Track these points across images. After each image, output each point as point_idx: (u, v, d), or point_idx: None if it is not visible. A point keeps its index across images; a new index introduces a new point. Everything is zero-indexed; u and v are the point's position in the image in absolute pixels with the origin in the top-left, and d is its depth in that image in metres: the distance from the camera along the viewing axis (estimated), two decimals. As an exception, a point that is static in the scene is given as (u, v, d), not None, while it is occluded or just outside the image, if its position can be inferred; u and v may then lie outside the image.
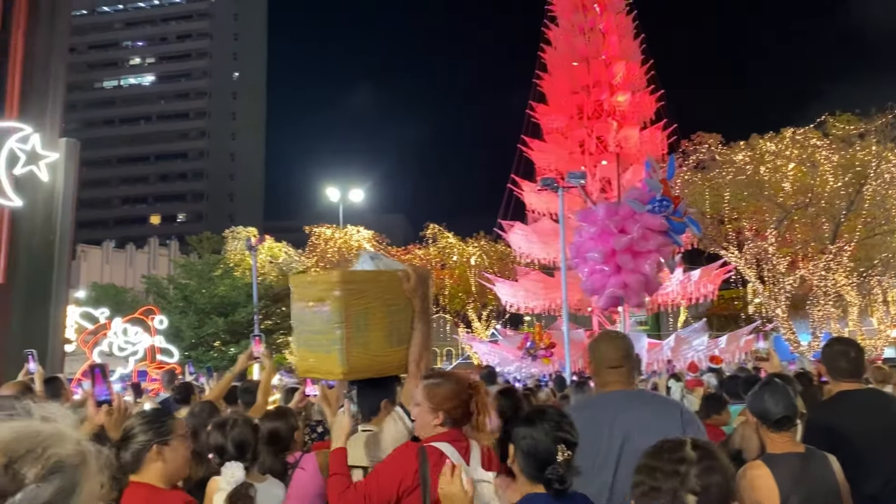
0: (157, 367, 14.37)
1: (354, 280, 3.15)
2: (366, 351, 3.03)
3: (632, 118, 33.69)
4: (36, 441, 1.20)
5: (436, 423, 2.83)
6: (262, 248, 37.80)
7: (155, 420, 2.78)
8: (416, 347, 3.06)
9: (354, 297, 3.04)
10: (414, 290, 3.09)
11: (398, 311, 3.09)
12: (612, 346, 3.41)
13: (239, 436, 3.30)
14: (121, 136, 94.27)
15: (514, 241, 33.64)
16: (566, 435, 2.48)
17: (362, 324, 3.03)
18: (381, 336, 3.06)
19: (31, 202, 14.08)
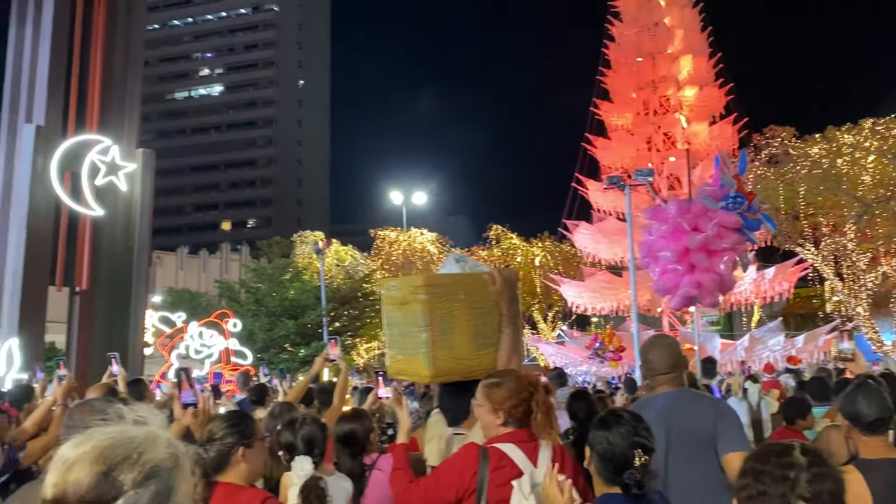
0: (231, 368, 14.77)
1: (438, 283, 3.13)
2: (451, 354, 3.01)
3: (700, 113, 32.88)
4: (131, 447, 1.22)
5: (498, 424, 2.83)
6: (329, 251, 38.45)
7: (239, 423, 2.85)
8: (505, 351, 3.01)
9: (439, 300, 3.02)
10: (500, 292, 3.04)
11: (484, 315, 3.04)
12: (662, 354, 3.53)
13: (308, 433, 3.37)
14: (192, 145, 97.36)
15: (580, 241, 33.24)
16: (642, 440, 2.46)
17: (447, 327, 3.01)
18: (466, 339, 3.01)
19: (111, 211, 14.69)
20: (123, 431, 1.26)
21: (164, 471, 1.23)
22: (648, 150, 33.19)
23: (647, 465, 2.43)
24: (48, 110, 14.34)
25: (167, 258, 48.52)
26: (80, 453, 1.21)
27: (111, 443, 1.22)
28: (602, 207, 32.97)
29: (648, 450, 2.46)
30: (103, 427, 1.27)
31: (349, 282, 33.36)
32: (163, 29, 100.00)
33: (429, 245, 41.93)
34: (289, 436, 3.40)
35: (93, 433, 1.25)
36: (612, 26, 35.00)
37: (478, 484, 2.69)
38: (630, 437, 2.46)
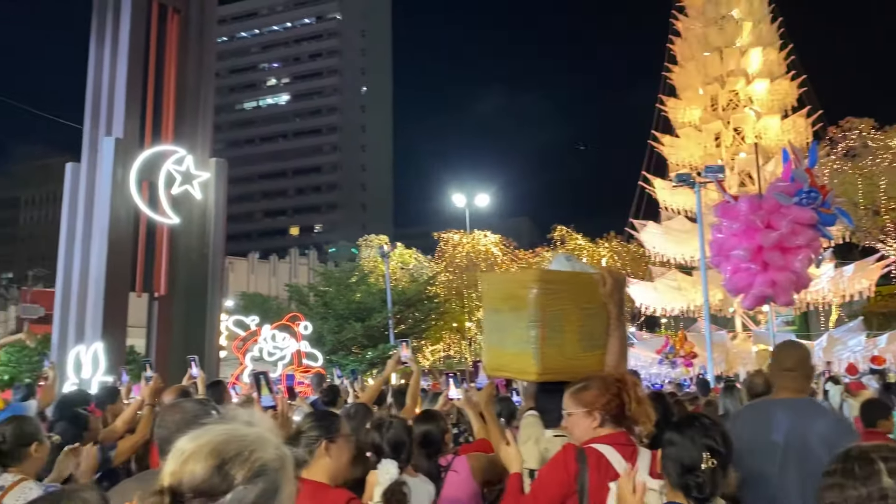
0: (302, 370, 15.09)
1: (551, 280, 3.05)
2: (560, 353, 2.96)
3: (771, 107, 31.85)
4: (243, 444, 1.29)
5: (595, 426, 2.79)
6: (394, 255, 38.88)
7: (324, 419, 2.94)
8: (613, 355, 2.94)
9: (550, 297, 2.96)
10: (610, 294, 2.98)
11: (593, 315, 2.98)
12: (787, 352, 3.60)
13: (395, 436, 3.43)
14: (261, 153, 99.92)
15: (648, 241, 32.64)
16: (712, 442, 2.39)
17: (557, 324, 2.95)
18: (574, 339, 2.96)
19: (186, 219, 15.22)
20: (237, 430, 1.33)
21: (271, 471, 1.29)
22: (717, 147, 32.35)
23: (715, 470, 2.35)
24: (126, 123, 14.94)
25: (239, 263, 49.87)
26: (196, 446, 1.28)
27: (225, 439, 1.29)
28: (670, 206, 32.30)
29: (718, 453, 2.38)
30: (219, 424, 1.35)
31: (414, 284, 33.63)
32: (231, 41, 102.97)
33: (492, 247, 41.88)
34: (376, 437, 3.48)
35: (209, 429, 1.32)
36: (678, 21, 34.28)
37: (578, 486, 2.66)
38: (701, 440, 2.39)
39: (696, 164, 29.56)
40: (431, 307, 32.59)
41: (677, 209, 32.13)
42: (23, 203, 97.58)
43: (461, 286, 41.04)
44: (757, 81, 31.83)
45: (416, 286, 32.86)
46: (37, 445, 3.31)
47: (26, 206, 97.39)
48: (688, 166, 30.49)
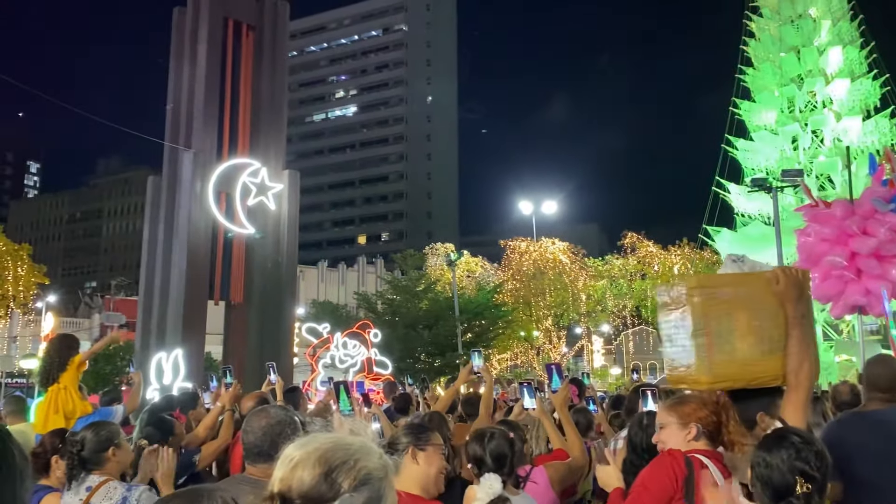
0: (373, 378, 15.26)
1: (713, 284, 2.99)
2: (732, 359, 2.84)
3: (853, 107, 30.59)
4: (349, 453, 1.33)
5: (689, 438, 2.75)
6: (460, 263, 38.95)
7: (416, 428, 2.96)
8: (794, 357, 2.76)
9: (713, 302, 2.89)
10: (784, 292, 2.81)
11: (768, 318, 2.84)
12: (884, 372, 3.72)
13: (497, 448, 3.33)
14: (329, 164, 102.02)
15: (722, 248, 31.75)
16: (805, 466, 2.24)
17: (725, 330, 2.86)
18: (748, 344, 2.84)
19: (261, 229, 15.63)
20: (342, 439, 1.37)
21: (375, 479, 1.33)
22: (794, 150, 31.26)
23: (811, 495, 2.21)
24: (204, 137, 15.48)
25: (309, 272, 50.90)
26: (304, 454, 1.32)
27: (332, 447, 1.33)
28: (745, 211, 31.36)
29: (812, 478, 2.23)
30: (325, 433, 1.39)
31: (480, 293, 33.61)
32: (301, 55, 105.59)
33: (560, 255, 41.50)
34: (478, 449, 3.37)
35: (315, 437, 1.37)
36: (752, 22, 33.34)
37: (685, 492, 2.62)
38: (791, 462, 2.25)
39: (772, 168, 28.63)
40: (498, 315, 32.49)
41: (752, 215, 31.17)
42: (106, 215, 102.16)
43: (528, 294, 40.79)
44: (836, 81, 30.65)
45: (483, 294, 32.82)
46: (114, 449, 3.45)
47: (109, 218, 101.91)
48: (763, 170, 29.55)
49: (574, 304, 40.81)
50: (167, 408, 5.50)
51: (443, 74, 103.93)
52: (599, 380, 47.68)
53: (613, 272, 41.27)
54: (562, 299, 40.81)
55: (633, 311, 42.07)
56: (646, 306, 40.34)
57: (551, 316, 41.60)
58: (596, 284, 41.23)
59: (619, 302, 41.66)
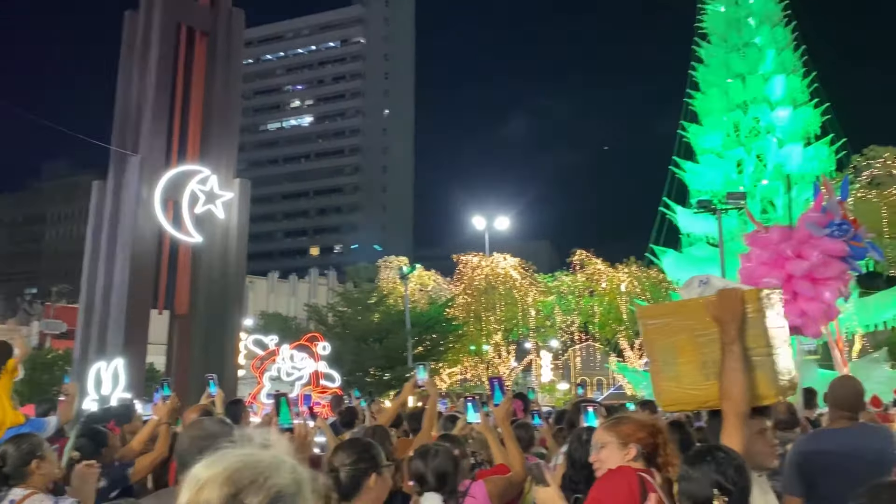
0: (320, 391, 15.10)
1: (654, 314, 3.10)
2: (678, 385, 2.91)
3: (794, 134, 31.66)
4: (258, 470, 1.29)
5: (628, 458, 2.78)
6: (413, 276, 38.90)
7: (370, 449, 2.87)
8: (723, 380, 2.73)
9: (657, 331, 2.98)
10: (717, 316, 2.80)
11: (709, 342, 2.83)
12: (844, 392, 4.03)
13: (440, 466, 3.27)
14: (283, 173, 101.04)
15: (668, 267, 32.40)
16: (722, 478, 2.31)
17: (670, 357, 2.92)
18: (693, 368, 2.87)
19: (209, 238, 15.39)
20: (251, 455, 1.32)
21: (287, 496, 1.29)
22: (739, 173, 32.17)
23: None
24: (152, 143, 15.20)
25: (259, 283, 50.20)
26: (211, 475, 1.28)
27: (240, 466, 1.29)
28: (691, 232, 32.08)
29: (727, 491, 2.30)
30: (233, 449, 1.34)
31: (432, 306, 33.63)
32: (257, 63, 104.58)
33: (511, 270, 41.78)
34: (420, 465, 3.30)
35: (224, 455, 1.32)
36: (701, 48, 34.30)
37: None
38: (711, 475, 2.33)
39: (718, 191, 29.38)
40: (450, 329, 32.53)
41: (699, 235, 31.91)
42: (49, 220, 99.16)
43: (479, 309, 40.93)
44: (780, 108, 31.68)
45: (435, 308, 32.83)
46: (38, 462, 3.34)
47: (52, 223, 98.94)
48: (709, 193, 30.31)
49: (524, 319, 41.12)
50: (103, 419, 5.36)
51: (400, 88, 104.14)
52: (548, 394, 47.99)
53: (562, 288, 41.71)
54: (512, 314, 41.08)
55: (580, 326, 42.55)
56: (593, 322, 40.85)
57: (501, 330, 41.82)
58: (545, 300, 41.63)
59: (567, 318, 42.11)
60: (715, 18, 34.35)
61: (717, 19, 34.26)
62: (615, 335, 40.66)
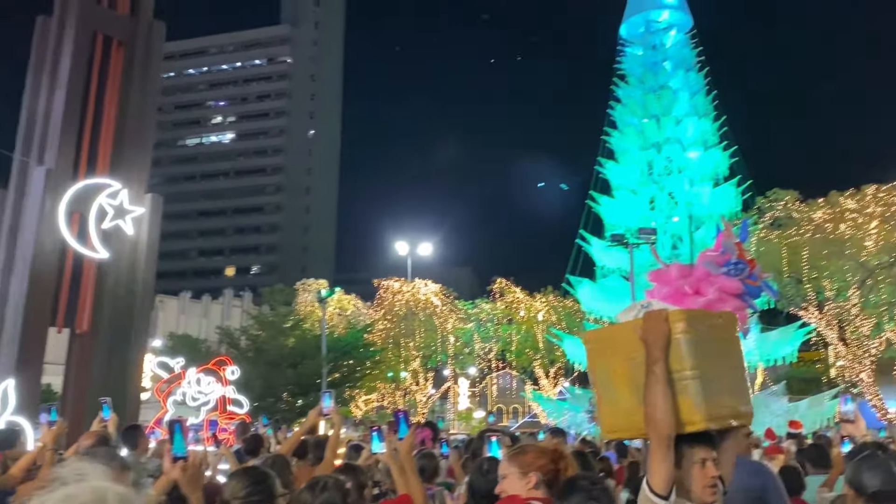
0: (227, 417, 14.63)
1: (594, 338, 3.05)
2: (617, 410, 2.83)
3: (704, 175, 33.18)
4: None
5: (529, 487, 2.79)
6: (332, 300, 38.43)
7: (263, 481, 2.80)
8: (647, 405, 2.60)
9: (596, 355, 2.94)
10: (643, 338, 2.71)
11: (641, 365, 2.72)
12: None
13: (328, 500, 3.19)
14: (201, 190, 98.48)
15: (583, 298, 33.20)
16: None
17: (608, 382, 2.86)
18: (628, 393, 2.77)
19: (116, 254, 14.78)
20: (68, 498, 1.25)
21: None
22: (652, 210, 33.41)
23: None
24: (60, 153, 14.56)
25: (169, 302, 48.52)
26: None
27: None
28: (606, 265, 33.01)
29: None
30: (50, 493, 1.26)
31: (350, 332, 33.26)
32: (178, 77, 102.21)
33: (432, 297, 41.88)
34: (308, 498, 3.20)
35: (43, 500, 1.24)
36: (619, 87, 35.65)
37: None
38: None
39: (631, 226, 30.40)
40: (367, 355, 32.23)
41: (612, 268, 32.84)
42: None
43: (398, 335, 40.78)
44: (691, 150, 33.18)
45: (353, 333, 32.47)
46: None
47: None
48: (623, 227, 31.33)
49: (443, 346, 41.20)
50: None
51: (326, 109, 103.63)
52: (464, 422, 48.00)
53: (482, 316, 42.07)
54: (431, 341, 41.10)
55: (498, 354, 42.95)
56: (511, 350, 41.30)
57: (420, 357, 41.76)
58: (465, 327, 41.87)
59: (485, 345, 42.45)
60: (633, 61, 35.84)
61: (634, 62, 35.75)
62: (531, 363, 41.21)
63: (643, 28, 36.19)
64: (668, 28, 35.90)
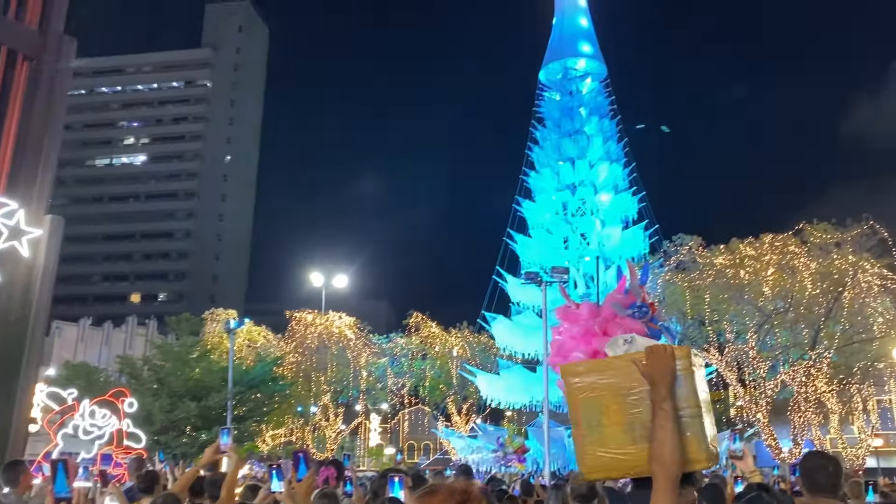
0: (123, 451, 13.90)
1: (578, 372, 2.85)
2: (603, 449, 2.69)
3: (614, 217, 34.38)
4: None
5: None
6: (241, 331, 37.33)
7: None
8: (654, 442, 2.52)
9: (582, 389, 2.77)
10: (647, 374, 2.63)
11: (637, 402, 2.64)
12: None
13: None
14: (108, 213, 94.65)
15: (497, 334, 33.55)
16: None
17: (595, 419, 2.72)
18: (618, 431, 2.67)
19: (9, 277, 13.94)
20: None
21: None
22: (566, 249, 34.27)
23: None
24: (-47, 168, 13.73)
25: (68, 329, 46.06)
26: None
27: None
28: (520, 301, 33.53)
29: None
30: None
31: (259, 364, 32.36)
32: (89, 95, 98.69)
33: (346, 330, 41.32)
34: None
35: None
36: (537, 130, 36.72)
37: None
38: None
39: (546, 264, 31.08)
40: (276, 389, 31.39)
41: (527, 305, 33.39)
42: None
43: (309, 368, 39.97)
44: (603, 193, 34.40)
45: (262, 366, 31.59)
46: None
47: None
48: (538, 265, 31.99)
49: (355, 381, 40.60)
50: None
51: (245, 135, 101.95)
52: (374, 459, 47.22)
53: (396, 350, 41.78)
54: (343, 375, 40.45)
55: (411, 390, 42.66)
56: (424, 386, 41.11)
57: (331, 392, 41.00)
58: (378, 362, 41.45)
59: (398, 380, 42.10)
60: (551, 105, 37.08)
61: (552, 106, 37.00)
62: (444, 399, 41.11)
63: (561, 74, 37.54)
64: (584, 76, 37.37)
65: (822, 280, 26.91)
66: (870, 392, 29.89)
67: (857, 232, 27.37)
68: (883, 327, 26.62)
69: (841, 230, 27.77)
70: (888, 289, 27.16)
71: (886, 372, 29.22)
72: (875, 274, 26.91)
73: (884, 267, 27.23)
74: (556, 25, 38.40)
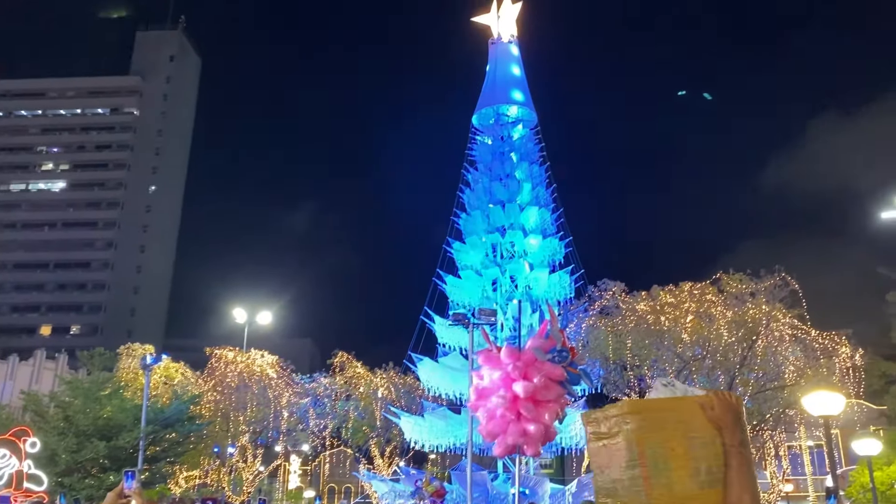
0: (23, 494, 13.03)
1: (647, 408, 2.70)
2: (670, 493, 2.55)
3: (542, 261, 34.94)
4: None
5: None
6: (158, 367, 35.88)
7: None
8: (733, 489, 2.47)
9: (649, 429, 2.61)
10: (720, 418, 2.57)
11: (704, 446, 2.55)
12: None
13: None
14: (21, 240, 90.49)
15: (423, 375, 33.32)
16: None
17: (661, 461, 2.57)
18: (685, 475, 2.55)
19: None
20: None
21: None
22: (494, 291, 34.53)
23: None
24: None
25: (-33, 361, 43.41)
26: None
27: None
28: (447, 343, 33.47)
29: None
30: None
31: (175, 402, 31.11)
32: (7, 118, 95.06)
33: (268, 369, 40.24)
34: None
35: None
36: (469, 172, 37.21)
37: None
38: None
39: (475, 306, 31.20)
40: (192, 429, 30.20)
41: (453, 346, 33.35)
42: None
43: (228, 407, 38.66)
44: (532, 236, 34.98)
45: (178, 404, 30.38)
46: None
47: None
48: (467, 307, 32.08)
49: (275, 421, 39.44)
50: None
51: (171, 166, 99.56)
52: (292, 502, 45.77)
53: (319, 391, 40.91)
54: (263, 415, 39.25)
55: (333, 431, 41.73)
56: (346, 427, 40.30)
57: (250, 432, 39.70)
58: (300, 402, 40.45)
59: (321, 421, 41.12)
60: (483, 149, 37.69)
61: (484, 150, 37.62)
62: (367, 441, 40.36)
63: (493, 119, 38.31)
64: (515, 122, 38.22)
65: (738, 328, 27.93)
66: (781, 438, 30.95)
67: (770, 283, 28.62)
68: (794, 375, 27.72)
69: (755, 280, 28.97)
70: (798, 338, 28.40)
71: (797, 419, 30.35)
72: (786, 324, 28.13)
73: (794, 317, 28.50)
74: (490, 72, 39.31)
